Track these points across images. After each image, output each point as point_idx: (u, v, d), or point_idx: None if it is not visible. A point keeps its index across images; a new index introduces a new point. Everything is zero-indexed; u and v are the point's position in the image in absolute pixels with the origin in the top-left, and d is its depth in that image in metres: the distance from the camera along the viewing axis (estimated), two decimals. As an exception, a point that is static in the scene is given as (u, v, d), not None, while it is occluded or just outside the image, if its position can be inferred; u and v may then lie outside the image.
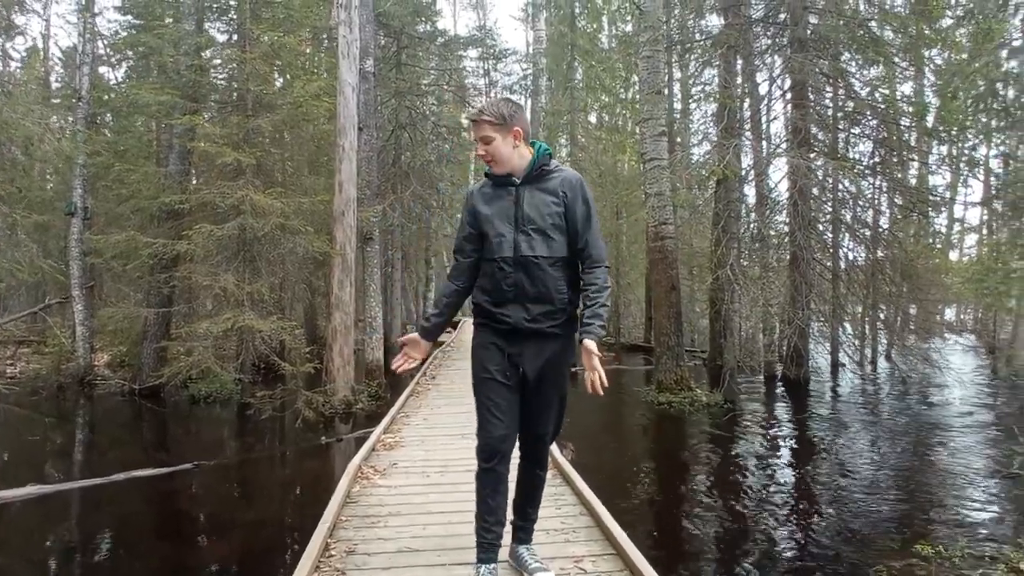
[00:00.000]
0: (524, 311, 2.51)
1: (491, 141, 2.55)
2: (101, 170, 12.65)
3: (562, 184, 2.59)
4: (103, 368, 13.60)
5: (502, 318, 2.53)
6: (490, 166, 2.61)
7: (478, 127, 2.58)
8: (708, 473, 6.91)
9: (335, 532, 3.54)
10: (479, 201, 2.63)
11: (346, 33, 10.03)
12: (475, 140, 2.63)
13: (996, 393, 12.12)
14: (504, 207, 2.57)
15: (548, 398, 2.67)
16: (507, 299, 2.52)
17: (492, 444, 2.58)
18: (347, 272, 10.11)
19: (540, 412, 2.68)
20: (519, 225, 2.54)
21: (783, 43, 11.86)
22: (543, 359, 2.58)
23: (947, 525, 5.09)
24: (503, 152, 2.57)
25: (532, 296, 2.51)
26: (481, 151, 2.58)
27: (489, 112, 2.59)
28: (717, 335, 13.80)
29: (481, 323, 2.63)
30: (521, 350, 2.55)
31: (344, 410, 9.63)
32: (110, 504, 5.95)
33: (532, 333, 2.54)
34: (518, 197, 2.57)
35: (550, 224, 2.54)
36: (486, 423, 2.59)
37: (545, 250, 2.52)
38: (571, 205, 2.57)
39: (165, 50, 11.32)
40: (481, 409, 2.61)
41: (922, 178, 14.71)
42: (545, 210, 2.54)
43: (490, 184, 2.66)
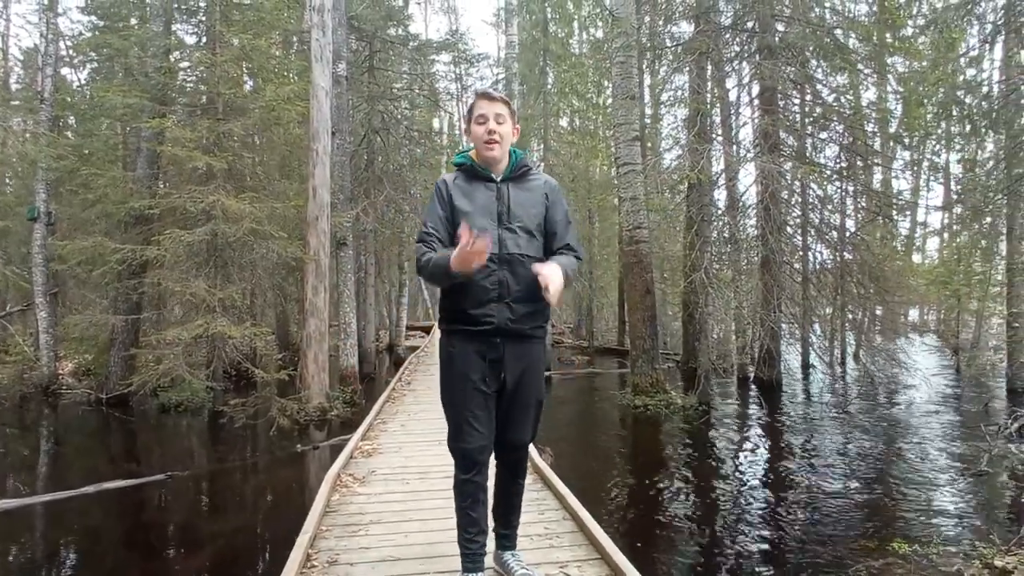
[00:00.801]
0: (509, 311, 2.43)
1: (503, 122, 2.51)
2: (65, 174, 12.38)
3: (546, 186, 2.60)
4: (68, 377, 13.29)
5: (485, 319, 2.42)
6: (491, 149, 2.50)
7: (494, 103, 2.51)
8: (686, 475, 6.97)
9: (316, 542, 3.50)
10: (456, 193, 2.51)
11: (319, 36, 9.95)
12: (480, 117, 2.50)
13: (960, 392, 12.44)
14: (485, 202, 2.49)
15: (527, 404, 2.59)
16: (490, 298, 2.42)
17: (471, 455, 2.52)
18: (321, 278, 10.01)
19: (519, 419, 2.59)
20: (503, 221, 2.47)
21: (752, 50, 12.06)
22: (524, 363, 2.52)
23: (921, 523, 5.20)
24: (507, 138, 2.54)
25: (516, 295, 2.44)
26: (493, 127, 2.48)
27: (503, 95, 2.58)
28: (691, 338, 13.94)
29: (457, 329, 2.50)
30: (502, 354, 2.47)
31: (319, 417, 9.52)
32: (78, 518, 5.80)
33: (514, 335, 2.47)
34: (501, 193, 2.51)
35: (535, 225, 2.52)
36: (464, 434, 2.50)
37: (531, 248, 2.49)
38: (553, 208, 2.58)
39: (132, 52, 11.12)
40: (458, 419, 2.52)
41: (886, 183, 15.08)
42: (532, 209, 2.52)
43: (463, 177, 2.56)
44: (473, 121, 2.52)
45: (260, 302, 13.03)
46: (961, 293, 14.82)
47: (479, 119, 2.49)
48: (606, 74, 16.25)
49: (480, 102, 2.51)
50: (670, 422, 9.50)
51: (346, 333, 11.87)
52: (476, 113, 2.50)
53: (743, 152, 12.51)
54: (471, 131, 2.53)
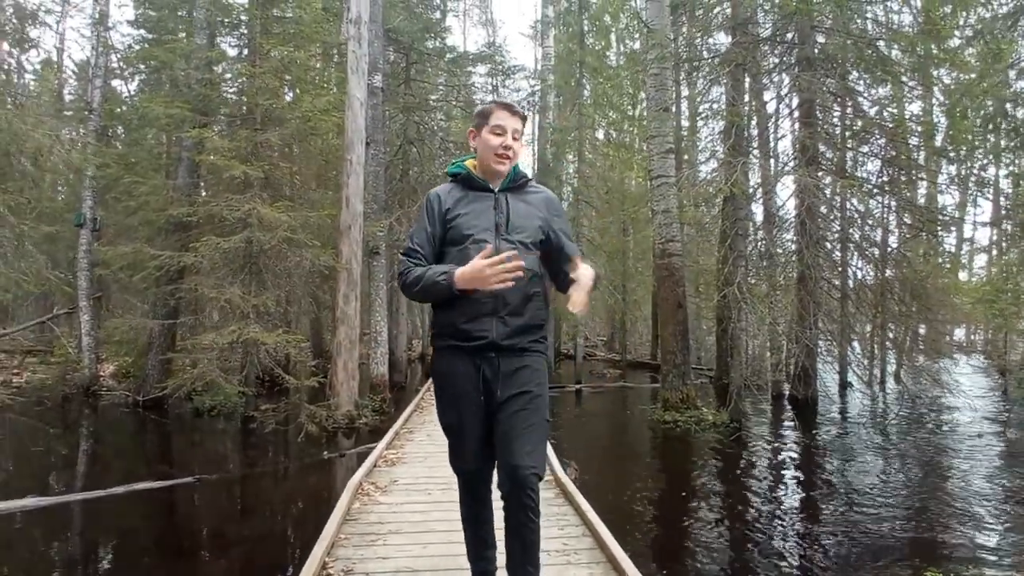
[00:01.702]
0: (503, 324, 2.31)
1: (519, 137, 2.43)
2: (111, 182, 12.76)
3: (546, 200, 2.52)
4: (108, 379, 13.64)
5: (478, 334, 2.30)
6: (501, 162, 2.40)
7: (514, 118, 2.42)
8: (713, 495, 6.81)
9: (333, 550, 3.50)
10: (451, 204, 2.40)
11: (355, 48, 10.10)
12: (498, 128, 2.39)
13: (1008, 415, 11.96)
14: (482, 212, 2.39)
15: (527, 424, 2.33)
16: (484, 312, 2.29)
17: (471, 476, 2.50)
18: (352, 286, 10.10)
19: (519, 440, 2.30)
20: (501, 232, 2.36)
21: (791, 62, 11.87)
22: (521, 379, 2.35)
23: (958, 551, 4.99)
24: (517, 155, 2.46)
25: (512, 309, 2.32)
26: (509, 142, 2.39)
27: (523, 109, 2.50)
28: (724, 353, 13.69)
29: (449, 345, 2.38)
30: (497, 369, 2.33)
31: (347, 425, 9.58)
32: (110, 517, 5.92)
33: (509, 350, 2.34)
34: (499, 203, 2.41)
35: (533, 237, 2.41)
36: (460, 452, 2.46)
37: (528, 262, 2.33)
38: (554, 221, 2.48)
39: (177, 64, 11.45)
40: (454, 440, 2.46)
41: (931, 197, 14.66)
42: (532, 222, 2.42)
43: (459, 187, 2.46)
44: (489, 130, 2.40)
45: (295, 309, 13.21)
46: (1008, 313, 14.26)
47: (497, 129, 2.39)
48: (642, 86, 16.17)
49: (501, 112, 2.41)
50: (700, 439, 9.31)
51: (376, 342, 11.96)
52: (494, 123, 2.39)
53: (780, 165, 12.28)
54: (483, 138, 2.42)
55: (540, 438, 2.37)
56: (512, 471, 2.26)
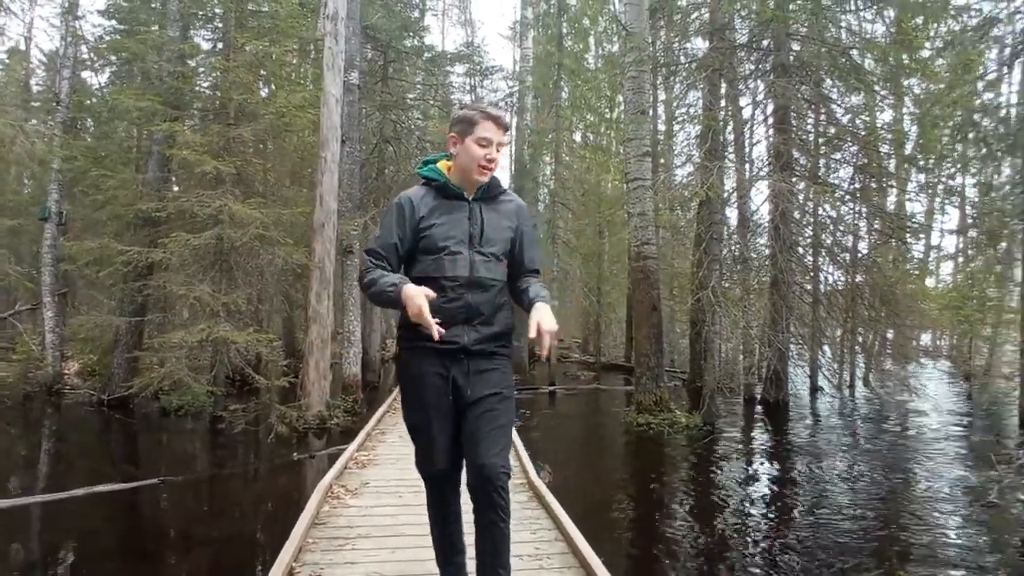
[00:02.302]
0: (475, 332, 2.35)
1: (501, 150, 2.40)
2: (78, 175, 12.45)
3: (517, 209, 2.52)
4: (72, 377, 13.33)
5: (449, 339, 2.29)
6: (484, 174, 2.37)
7: (500, 130, 2.39)
8: (686, 498, 6.83)
9: (301, 555, 3.41)
10: (424, 211, 2.37)
11: (332, 44, 9.98)
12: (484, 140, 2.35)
13: (972, 419, 12.20)
14: (456, 222, 2.38)
15: (495, 423, 2.37)
16: (456, 321, 2.31)
17: (440, 477, 2.48)
18: (325, 285, 9.98)
19: (487, 438, 2.34)
20: (475, 244, 2.37)
21: (766, 68, 11.99)
22: (489, 380, 2.39)
23: (928, 555, 5.05)
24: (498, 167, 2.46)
25: (483, 319, 2.36)
26: (495, 156, 2.37)
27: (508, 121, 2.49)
28: (697, 356, 13.79)
29: (418, 346, 2.36)
30: (467, 371, 2.36)
31: (318, 425, 9.45)
32: (71, 520, 5.74)
33: (479, 354, 2.37)
34: (473, 214, 2.40)
35: (504, 249, 2.44)
36: (429, 454, 2.44)
37: (498, 272, 2.41)
38: (523, 232, 2.50)
39: (148, 56, 11.20)
40: (423, 441, 2.43)
41: (900, 205, 14.91)
42: (503, 234, 2.44)
43: (433, 193, 2.43)
44: (473, 140, 2.34)
45: (267, 308, 13.03)
46: (974, 319, 14.58)
47: (483, 141, 2.34)
48: (619, 89, 16.23)
49: (488, 124, 2.35)
50: (673, 441, 9.36)
51: (349, 341, 11.83)
52: (480, 134, 2.34)
53: (756, 171, 12.40)
54: (466, 147, 2.36)
55: (508, 439, 2.41)
56: (480, 470, 2.28)
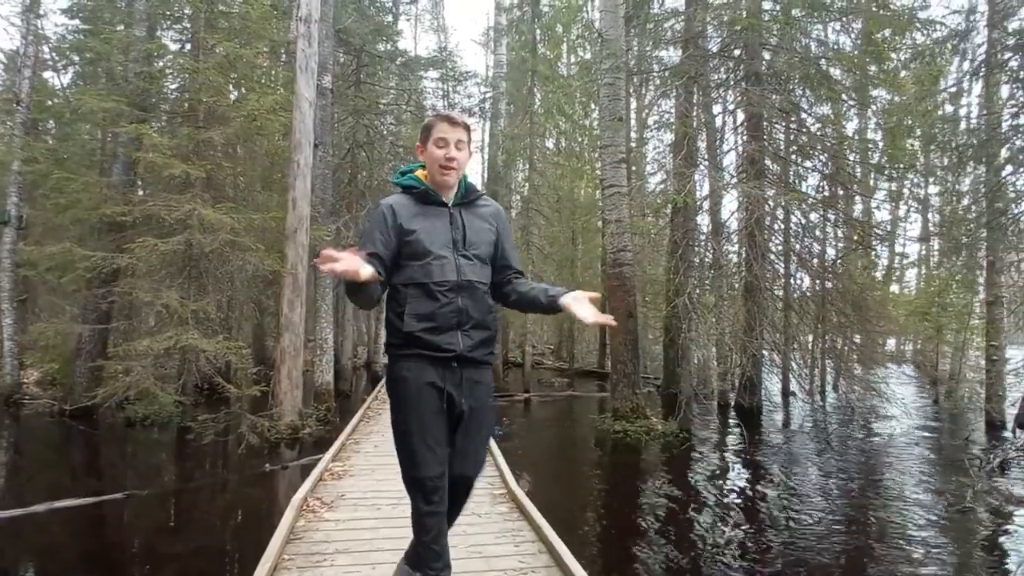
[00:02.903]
0: (468, 338, 2.39)
1: (463, 148, 2.44)
2: (39, 178, 12.07)
3: (495, 213, 2.58)
4: (32, 386, 12.89)
5: (446, 346, 2.35)
6: (447, 174, 2.42)
7: (456, 128, 2.42)
8: (664, 506, 6.80)
9: (276, 573, 3.29)
10: (405, 217, 2.41)
11: (305, 47, 9.83)
12: (440, 140, 2.41)
13: (940, 424, 12.43)
14: (439, 227, 2.42)
15: (480, 434, 2.52)
16: (450, 326, 2.36)
17: (434, 484, 2.40)
18: (298, 292, 9.78)
19: (472, 450, 2.50)
20: (459, 248, 2.42)
21: (737, 77, 12.12)
22: (479, 391, 2.46)
23: (906, 562, 5.07)
24: (463, 165, 2.47)
25: (474, 323, 2.40)
26: (453, 153, 2.40)
27: (465, 119, 2.49)
28: (671, 362, 13.84)
29: (412, 354, 2.38)
30: (459, 381, 2.39)
31: (290, 435, 9.23)
32: (32, 536, 5.51)
33: (470, 362, 2.41)
34: (455, 219, 2.45)
35: (486, 252, 2.49)
36: (425, 462, 2.37)
37: (484, 275, 2.47)
38: (501, 234, 2.55)
39: (114, 56, 10.91)
40: (416, 447, 2.38)
41: (867, 212, 15.19)
42: (485, 237, 2.49)
43: (413, 200, 2.47)
44: (432, 143, 2.42)
45: (236, 315, 12.75)
46: (941, 324, 14.87)
47: (439, 142, 2.40)
48: (593, 96, 16.28)
49: (441, 124, 2.41)
50: (650, 449, 9.34)
51: (322, 349, 11.62)
52: (436, 136, 2.41)
53: (729, 178, 12.51)
54: (427, 152, 2.44)
55: (487, 446, 2.64)
56: (465, 479, 2.49)
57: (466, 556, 3.55)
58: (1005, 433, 10.90)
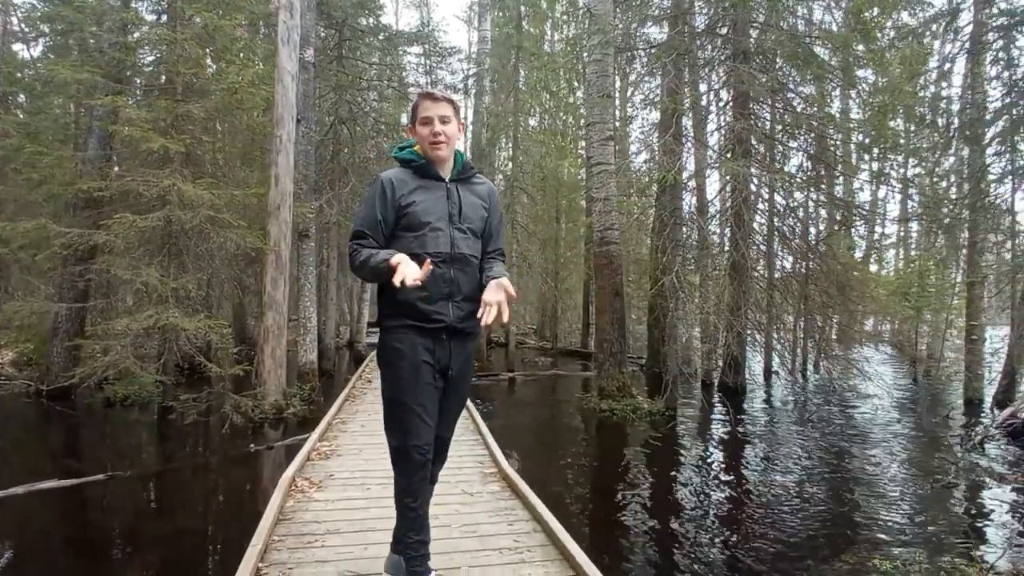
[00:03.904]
0: (458, 309, 2.49)
1: (449, 122, 2.51)
2: (10, 152, 11.71)
3: (489, 191, 2.69)
4: (7, 367, 12.63)
5: (436, 317, 2.46)
6: (438, 148, 2.50)
7: (438, 104, 2.49)
8: (652, 484, 6.83)
9: (267, 554, 3.23)
10: (404, 191, 2.49)
11: (286, 18, 9.57)
12: (424, 119, 2.50)
13: (919, 403, 12.61)
14: (436, 200, 2.51)
15: (461, 400, 2.73)
16: (441, 297, 2.46)
17: (423, 452, 2.50)
18: (281, 270, 9.62)
19: (452, 415, 2.70)
20: (454, 221, 2.52)
21: (724, 56, 12.02)
22: (465, 360, 2.62)
23: (896, 537, 5.12)
24: (453, 138, 2.54)
25: (465, 294, 2.51)
26: (438, 129, 2.48)
27: (447, 94, 2.56)
28: (655, 342, 13.87)
29: (405, 325, 2.48)
30: (448, 350, 2.52)
31: (275, 415, 9.12)
32: (9, 519, 5.38)
33: (458, 332, 2.53)
34: (451, 194, 2.55)
35: (479, 227, 2.60)
36: (417, 430, 2.47)
37: (476, 249, 2.58)
38: (492, 212, 2.67)
39: (87, 26, 10.54)
40: (408, 416, 2.47)
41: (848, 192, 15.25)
42: (478, 212, 2.60)
43: (410, 174, 2.55)
44: (418, 122, 2.51)
45: (217, 294, 12.54)
46: (921, 304, 15.05)
47: (424, 120, 2.49)
48: (578, 73, 16.11)
49: (424, 102, 2.50)
50: (636, 427, 9.37)
51: (306, 328, 11.50)
52: (421, 114, 2.50)
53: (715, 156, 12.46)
54: (416, 131, 2.53)
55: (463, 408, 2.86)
56: (443, 440, 2.69)
57: (460, 536, 3.52)
58: (984, 411, 11.08)
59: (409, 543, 2.59)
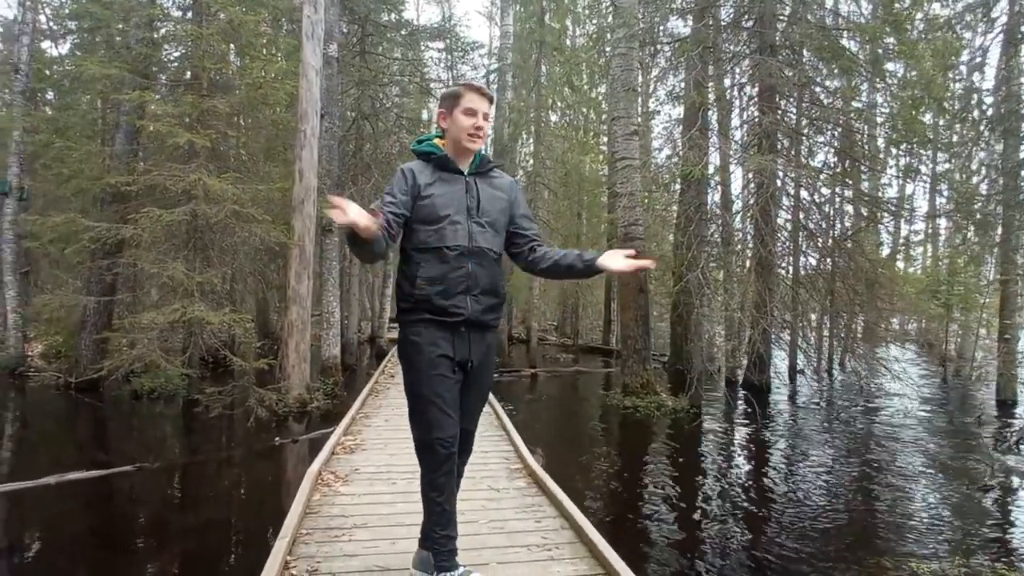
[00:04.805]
0: (476, 302, 2.51)
1: (488, 119, 2.54)
2: (40, 148, 11.89)
3: (510, 185, 2.70)
4: (37, 359, 12.83)
5: (454, 310, 2.47)
6: (474, 141, 2.53)
7: (484, 100, 2.52)
8: (678, 480, 6.74)
9: (295, 547, 3.21)
10: (423, 181, 2.51)
11: (311, 13, 9.58)
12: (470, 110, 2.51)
13: (949, 403, 12.36)
14: (455, 193, 2.53)
15: (483, 392, 2.72)
16: (459, 290, 2.47)
17: (448, 445, 2.49)
18: (305, 264, 9.65)
19: (475, 407, 2.69)
20: (473, 215, 2.53)
21: (750, 49, 11.83)
22: (485, 353, 2.61)
23: (928, 540, 5.00)
24: (486, 136, 2.60)
25: (483, 288, 2.52)
26: (481, 123, 2.51)
27: (491, 92, 2.65)
28: (680, 339, 13.74)
29: (423, 319, 2.49)
30: (468, 343, 2.53)
31: (299, 409, 9.16)
32: (41, 509, 5.45)
33: (478, 325, 2.54)
34: (470, 187, 2.56)
35: (500, 221, 2.61)
36: (440, 423, 2.47)
37: (495, 243, 2.59)
38: (514, 203, 2.68)
39: (114, 22, 10.66)
40: (431, 410, 2.47)
41: (876, 188, 14.97)
42: (498, 205, 2.60)
43: (431, 167, 2.56)
44: (461, 111, 2.50)
45: (240, 288, 12.65)
46: (951, 302, 14.74)
47: (468, 111, 2.50)
48: (600, 68, 15.98)
49: (472, 94, 2.52)
50: (660, 424, 9.28)
51: (329, 323, 11.54)
52: (466, 104, 2.50)
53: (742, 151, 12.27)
54: (455, 119, 2.52)
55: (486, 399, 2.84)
56: (467, 432, 2.66)
57: (488, 532, 3.48)
58: (1017, 411, 10.83)
59: (436, 538, 2.58)
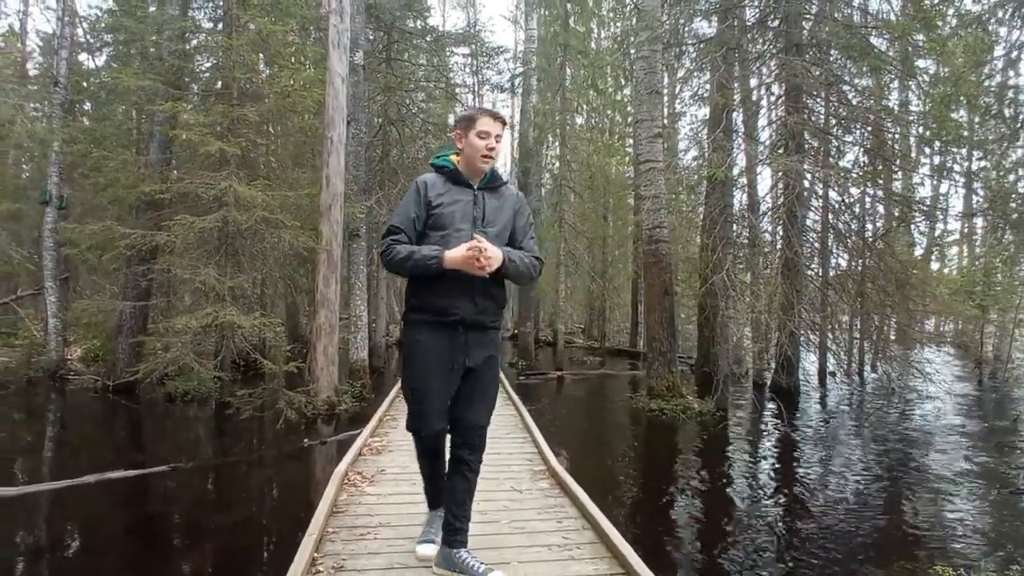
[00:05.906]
0: (473, 304, 2.71)
1: (500, 141, 2.81)
2: (78, 158, 12.27)
3: (515, 198, 2.92)
4: (76, 362, 13.21)
5: (452, 311, 2.69)
6: (487, 162, 2.77)
7: (497, 124, 2.78)
8: (704, 484, 6.71)
9: (322, 545, 3.30)
10: (435, 194, 2.76)
11: (337, 22, 9.75)
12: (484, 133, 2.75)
13: (983, 405, 12.08)
14: (464, 206, 2.75)
15: (486, 388, 2.85)
16: (458, 294, 2.68)
17: (437, 436, 2.87)
18: (333, 269, 9.82)
19: (479, 401, 2.83)
20: (478, 224, 2.74)
21: (776, 49, 11.72)
22: (484, 351, 2.79)
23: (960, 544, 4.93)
24: (498, 157, 2.89)
25: (480, 292, 2.72)
26: (493, 144, 2.76)
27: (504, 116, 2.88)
28: (706, 341, 13.65)
29: (424, 320, 2.74)
30: (466, 342, 2.73)
31: (327, 411, 9.32)
32: (81, 507, 5.64)
33: (475, 326, 2.74)
34: (478, 200, 2.79)
35: (503, 231, 2.81)
36: (430, 417, 2.76)
37: None
38: (519, 214, 2.89)
39: (148, 35, 10.97)
40: (424, 404, 2.76)
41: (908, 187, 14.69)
42: (502, 217, 2.82)
43: (444, 180, 2.81)
44: (475, 133, 2.75)
45: (270, 292, 12.88)
46: (987, 304, 14.40)
47: (482, 134, 2.74)
48: (625, 71, 15.96)
49: (486, 119, 2.76)
50: (686, 427, 9.24)
51: (356, 326, 11.69)
52: (480, 128, 2.75)
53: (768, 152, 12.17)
54: (469, 141, 2.76)
55: (494, 400, 2.90)
56: (473, 425, 2.81)
57: (509, 531, 3.53)
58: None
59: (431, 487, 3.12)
